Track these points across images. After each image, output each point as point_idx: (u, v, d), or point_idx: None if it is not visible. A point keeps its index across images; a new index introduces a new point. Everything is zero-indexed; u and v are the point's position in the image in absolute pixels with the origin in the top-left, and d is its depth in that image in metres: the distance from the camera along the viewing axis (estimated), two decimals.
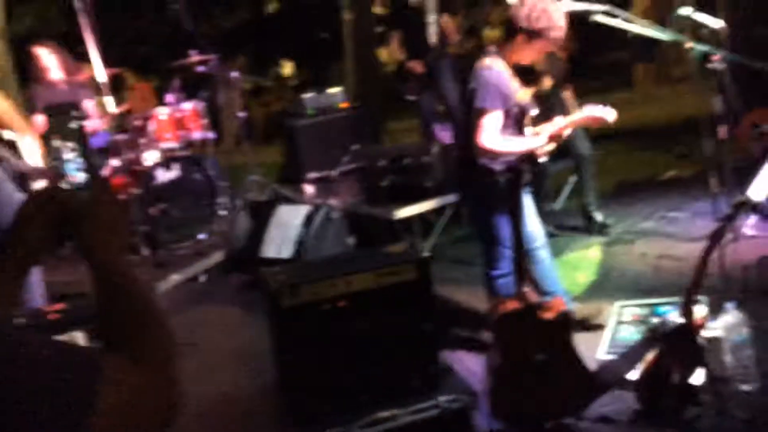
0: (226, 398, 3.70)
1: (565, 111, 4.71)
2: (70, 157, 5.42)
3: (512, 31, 3.54)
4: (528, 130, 3.68)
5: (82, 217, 1.20)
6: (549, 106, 4.71)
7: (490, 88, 3.48)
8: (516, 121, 3.63)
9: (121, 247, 1.22)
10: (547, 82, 4.93)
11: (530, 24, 3.46)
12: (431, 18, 6.88)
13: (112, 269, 1.15)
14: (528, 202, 3.85)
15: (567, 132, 3.65)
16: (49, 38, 6.07)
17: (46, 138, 5.18)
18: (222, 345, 4.35)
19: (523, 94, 3.63)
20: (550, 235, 5.19)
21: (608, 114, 3.58)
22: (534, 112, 3.70)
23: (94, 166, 5.59)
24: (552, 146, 3.67)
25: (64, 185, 5.22)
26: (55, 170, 5.17)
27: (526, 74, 3.56)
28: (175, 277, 5.03)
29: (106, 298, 1.15)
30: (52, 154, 5.24)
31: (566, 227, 5.48)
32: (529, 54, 3.60)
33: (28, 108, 5.71)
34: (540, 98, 3.83)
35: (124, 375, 1.03)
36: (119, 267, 1.17)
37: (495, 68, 3.53)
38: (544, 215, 5.28)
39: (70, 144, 5.48)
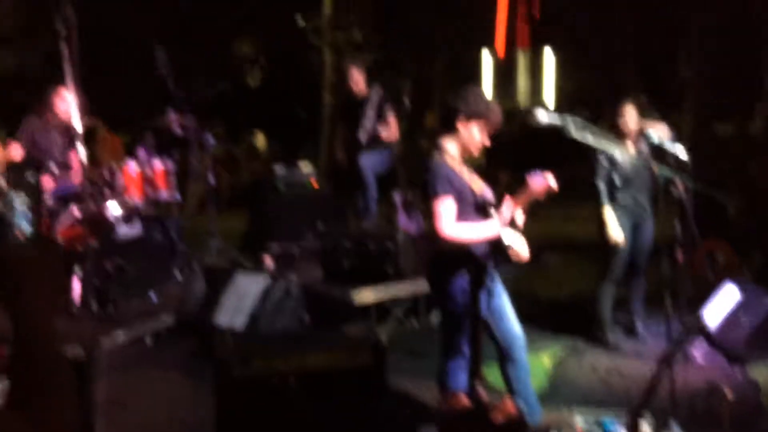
0: None
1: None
2: (21, 209, 5.32)
3: (451, 118, 3.72)
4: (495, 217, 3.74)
5: (22, 276, 1.16)
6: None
7: (440, 177, 3.61)
8: (478, 211, 3.70)
9: (52, 312, 1.18)
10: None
11: (467, 107, 3.66)
12: (370, 113, 6.97)
13: (36, 334, 1.11)
14: (506, 301, 3.87)
15: (520, 212, 3.69)
16: (29, 82, 6.08)
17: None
18: (159, 410, 4.21)
19: (477, 183, 3.73)
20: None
21: (549, 179, 3.68)
22: (492, 198, 3.78)
23: (42, 220, 5.47)
24: (517, 236, 3.68)
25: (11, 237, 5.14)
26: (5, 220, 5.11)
27: None
28: (121, 336, 4.90)
29: (22, 359, 1.12)
30: (4, 204, 5.18)
31: None
32: (472, 138, 3.72)
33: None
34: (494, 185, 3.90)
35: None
36: (44, 334, 1.13)
37: (443, 161, 3.67)
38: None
39: (22, 194, 5.39)
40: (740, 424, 3.92)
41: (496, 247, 3.68)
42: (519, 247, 3.65)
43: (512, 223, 3.65)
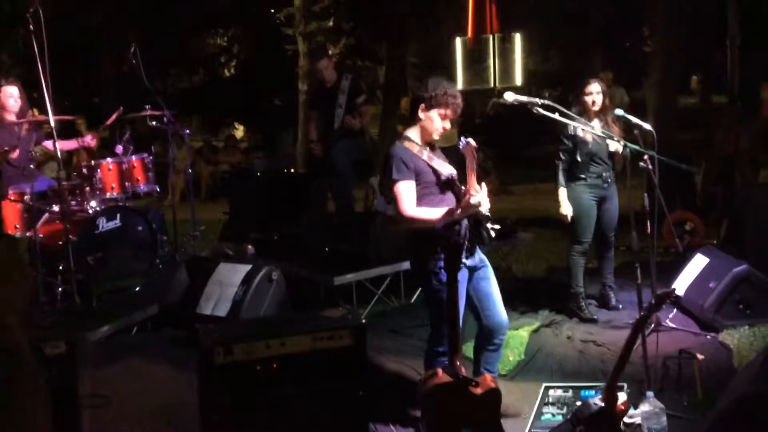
0: None
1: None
2: None
3: (414, 105, 3.86)
4: (477, 187, 3.73)
5: None
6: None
7: (396, 161, 3.72)
8: (443, 188, 3.78)
9: (14, 310, 1.16)
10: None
11: (428, 95, 3.76)
12: (342, 100, 7.01)
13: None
14: (495, 287, 3.91)
15: (484, 190, 3.72)
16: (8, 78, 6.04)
17: None
18: (145, 399, 4.25)
19: (440, 162, 3.80)
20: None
21: (470, 141, 3.65)
22: (455, 175, 3.83)
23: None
24: (486, 205, 3.70)
25: None
26: None
27: None
28: (106, 328, 4.94)
29: None
30: None
31: None
32: (432, 124, 3.80)
33: None
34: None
35: None
36: (6, 332, 1.11)
37: (401, 145, 3.79)
38: None
39: None
40: (712, 388, 4.04)
41: (476, 224, 3.73)
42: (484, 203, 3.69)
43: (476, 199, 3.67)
